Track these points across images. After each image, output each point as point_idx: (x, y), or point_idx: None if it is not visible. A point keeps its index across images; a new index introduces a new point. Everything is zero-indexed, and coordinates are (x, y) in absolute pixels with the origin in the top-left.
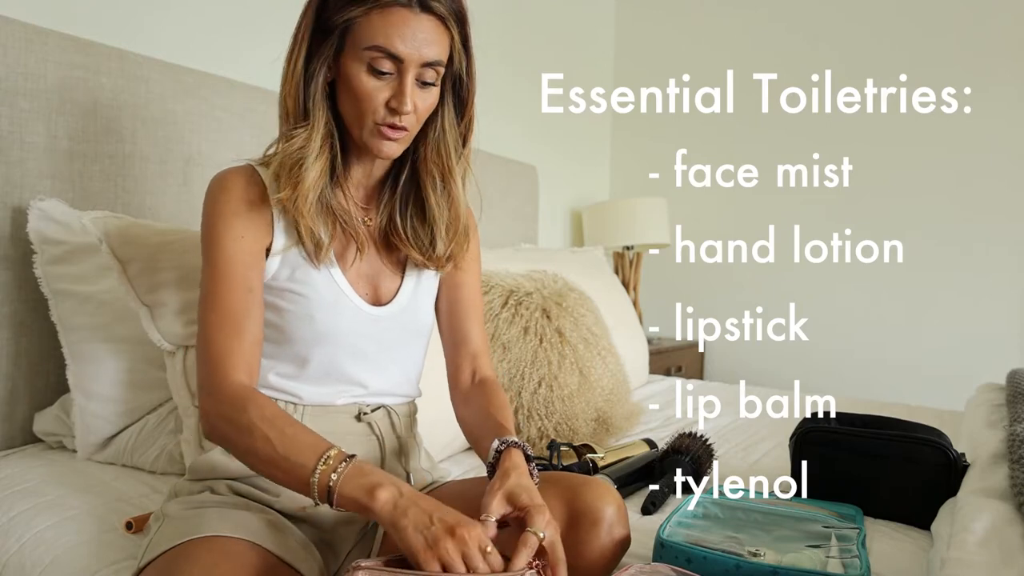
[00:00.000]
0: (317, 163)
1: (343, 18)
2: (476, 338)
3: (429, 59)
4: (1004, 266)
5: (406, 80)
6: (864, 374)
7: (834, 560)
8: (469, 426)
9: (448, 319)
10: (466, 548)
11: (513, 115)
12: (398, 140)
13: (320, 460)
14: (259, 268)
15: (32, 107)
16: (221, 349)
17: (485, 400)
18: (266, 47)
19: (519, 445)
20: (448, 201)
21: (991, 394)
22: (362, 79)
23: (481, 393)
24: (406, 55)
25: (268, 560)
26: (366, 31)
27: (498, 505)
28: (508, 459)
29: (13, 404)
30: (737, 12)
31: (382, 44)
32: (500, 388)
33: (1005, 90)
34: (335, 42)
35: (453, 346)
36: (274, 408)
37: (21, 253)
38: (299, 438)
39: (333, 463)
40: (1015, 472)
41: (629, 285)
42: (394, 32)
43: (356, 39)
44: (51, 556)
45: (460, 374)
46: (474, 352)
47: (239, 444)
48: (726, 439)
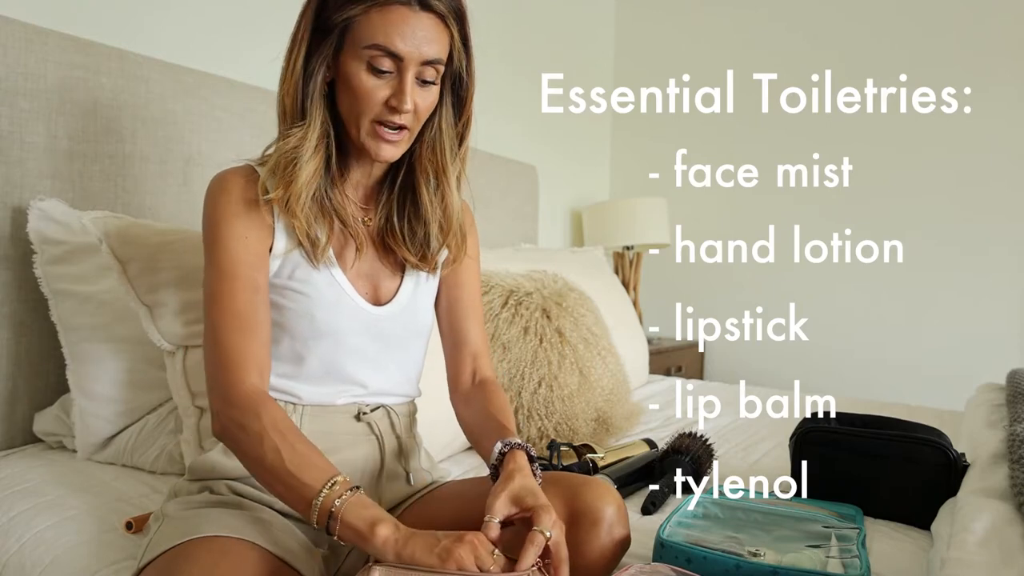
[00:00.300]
0: (311, 162)
1: (342, 17)
2: (476, 338)
3: (429, 57)
4: (1004, 266)
5: (406, 79)
6: (864, 374)
7: (834, 560)
8: (470, 427)
9: (448, 319)
10: (478, 551)
11: (513, 115)
12: (396, 143)
13: (327, 484)
14: (264, 268)
15: (32, 107)
16: (233, 350)
17: (486, 401)
18: (266, 47)
19: (522, 446)
20: (441, 201)
21: (991, 394)
22: (362, 78)
23: (482, 394)
24: (406, 53)
25: (268, 560)
26: (366, 29)
27: (502, 506)
28: (512, 461)
29: (13, 404)
30: (737, 12)
31: (382, 42)
32: (500, 388)
33: (1005, 90)
34: (334, 41)
35: (453, 346)
36: (287, 420)
37: (21, 253)
38: (308, 457)
39: (339, 490)
40: (1015, 472)
41: (629, 285)
42: (394, 30)
43: (356, 38)
44: (51, 556)
45: (460, 375)
46: (474, 352)
47: (248, 450)
48: (726, 439)
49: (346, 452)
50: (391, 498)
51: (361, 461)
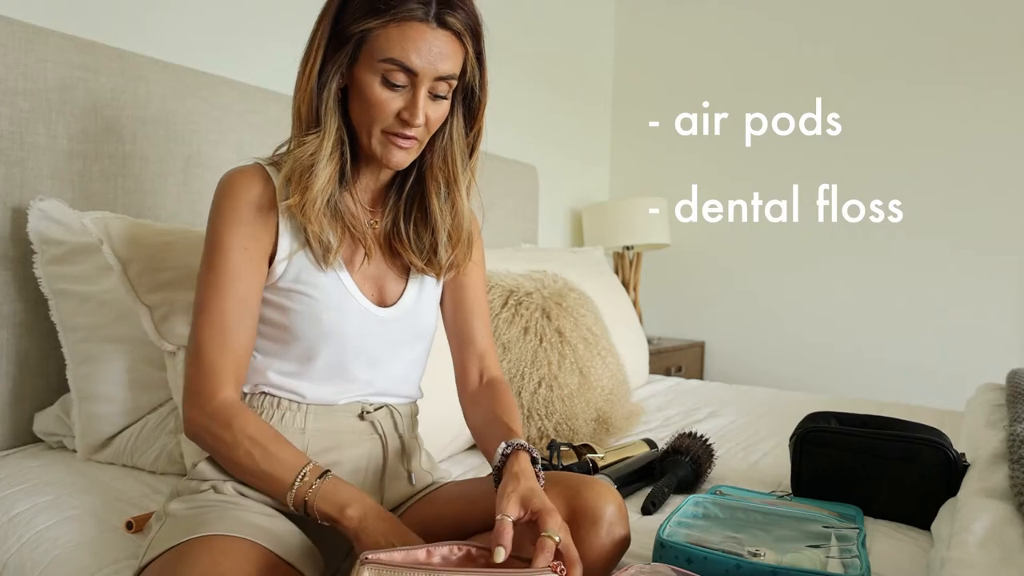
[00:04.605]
0: (326, 169)
1: (359, 28)
2: (482, 338)
3: (443, 73)
4: (1004, 266)
5: (419, 93)
6: (864, 374)
7: (834, 560)
8: (477, 428)
9: (454, 320)
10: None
11: (513, 115)
12: (408, 149)
13: (297, 476)
14: (259, 280)
15: (32, 107)
16: (211, 361)
17: (493, 402)
18: (266, 47)
19: (525, 448)
20: (451, 209)
21: (991, 394)
22: (375, 90)
23: (489, 395)
24: (421, 69)
25: (269, 559)
26: (383, 43)
27: (513, 507)
28: (516, 463)
29: (13, 404)
30: (737, 12)
31: (398, 57)
32: (508, 389)
33: (1005, 90)
34: (350, 51)
35: (459, 347)
36: (257, 424)
37: (21, 253)
38: (278, 455)
39: (309, 479)
40: (1015, 472)
41: (629, 285)
42: (411, 46)
43: (372, 50)
44: (51, 556)
45: (467, 375)
46: (481, 352)
47: (223, 455)
48: (726, 439)
49: (349, 451)
50: (393, 498)
51: (364, 460)
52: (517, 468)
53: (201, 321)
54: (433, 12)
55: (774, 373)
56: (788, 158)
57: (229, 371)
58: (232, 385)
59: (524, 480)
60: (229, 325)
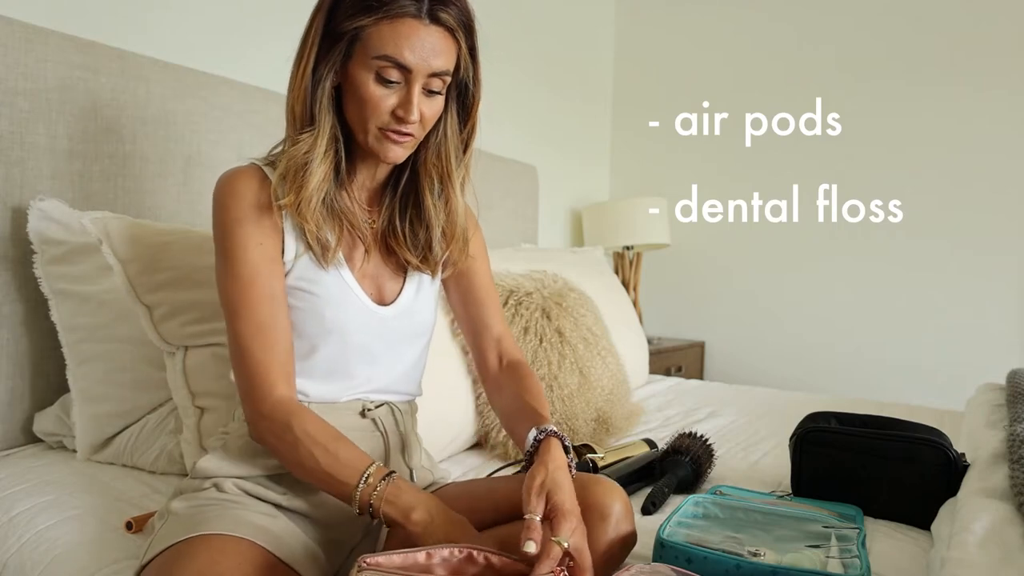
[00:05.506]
0: (321, 167)
1: (353, 26)
2: (496, 323)
3: (437, 69)
4: (1004, 266)
5: (413, 89)
6: (864, 374)
7: (834, 560)
8: (504, 413)
9: (465, 312)
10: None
11: (513, 115)
12: (404, 144)
13: (361, 479)
14: (280, 273)
15: (32, 107)
16: (259, 362)
17: (519, 386)
18: (266, 47)
19: (558, 434)
20: (445, 206)
21: (991, 394)
22: (369, 87)
23: (513, 378)
24: (414, 65)
25: (267, 559)
26: (376, 40)
27: (538, 503)
28: (547, 451)
29: (13, 404)
30: (737, 12)
31: (391, 54)
32: (532, 371)
33: (1005, 90)
34: (343, 48)
35: (474, 335)
36: (317, 423)
37: (21, 253)
38: (340, 455)
39: (373, 482)
40: (1015, 472)
41: (629, 285)
42: (404, 42)
43: (365, 47)
44: (51, 556)
45: (487, 360)
46: (497, 336)
47: (286, 456)
48: (726, 439)
49: None
50: None
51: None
52: (547, 457)
53: (238, 324)
54: (426, 8)
55: (774, 373)
56: (788, 158)
57: (277, 368)
58: (284, 382)
59: (550, 468)
60: (266, 323)
